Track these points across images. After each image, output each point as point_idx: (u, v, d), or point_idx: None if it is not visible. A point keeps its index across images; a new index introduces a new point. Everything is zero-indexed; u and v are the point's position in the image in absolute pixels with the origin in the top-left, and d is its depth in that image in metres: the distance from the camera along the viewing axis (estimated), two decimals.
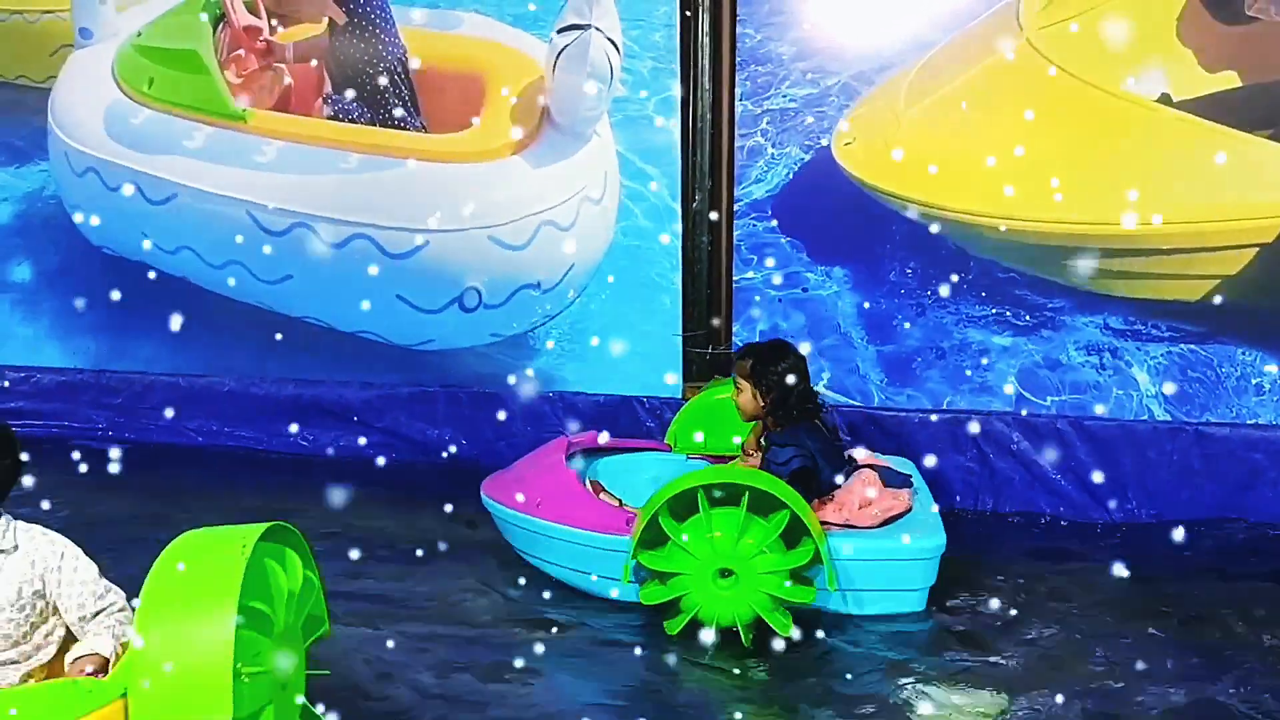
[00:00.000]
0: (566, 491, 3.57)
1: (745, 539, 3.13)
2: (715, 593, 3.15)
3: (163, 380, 5.26)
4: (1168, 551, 3.97)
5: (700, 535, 3.13)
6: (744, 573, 3.14)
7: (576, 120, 4.60)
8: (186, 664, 2.06)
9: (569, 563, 3.51)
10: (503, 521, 3.72)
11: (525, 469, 3.83)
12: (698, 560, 3.13)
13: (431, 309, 4.87)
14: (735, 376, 3.63)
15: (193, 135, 4.94)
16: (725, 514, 3.13)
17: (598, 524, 3.41)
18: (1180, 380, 4.21)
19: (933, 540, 3.36)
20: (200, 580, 2.15)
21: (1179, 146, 4.08)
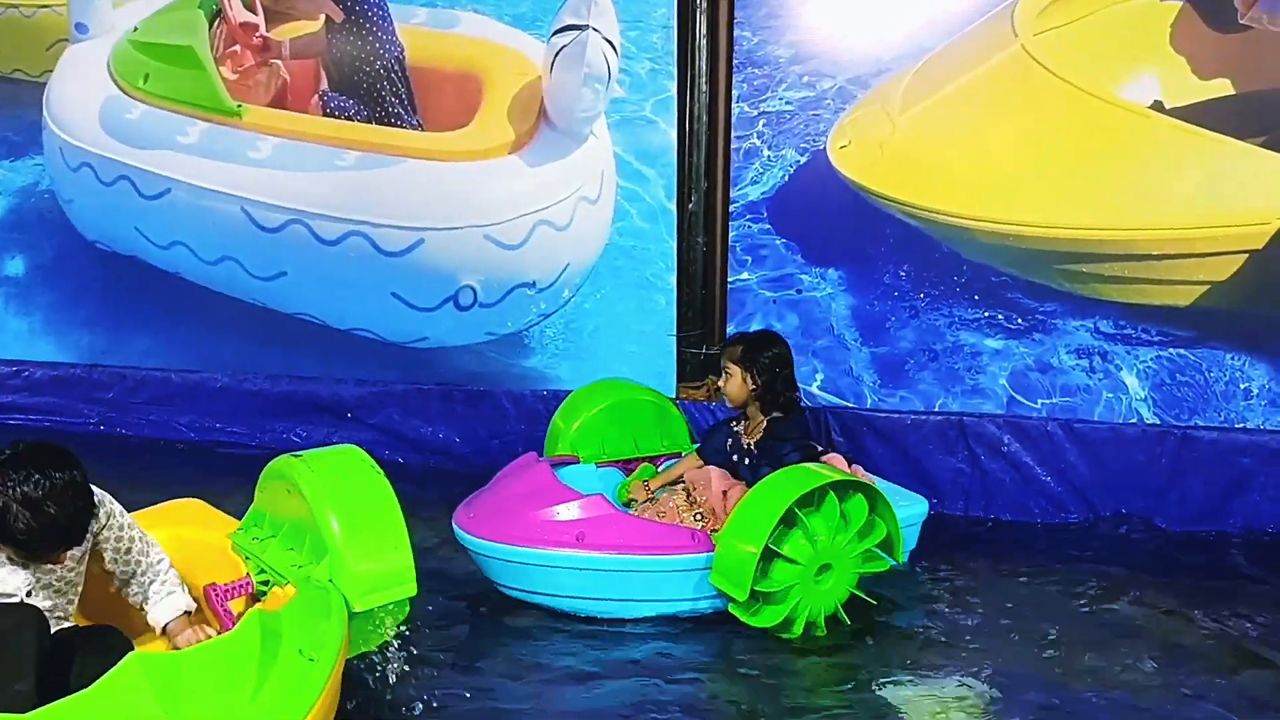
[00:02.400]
0: (605, 516, 3.37)
1: (840, 534, 3.23)
2: (818, 590, 3.24)
3: (155, 375, 5.25)
4: (1154, 554, 4.02)
5: (804, 543, 3.18)
6: (839, 563, 3.25)
7: (573, 120, 4.61)
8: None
9: (626, 593, 3.33)
10: (511, 564, 3.38)
11: (517, 500, 3.46)
12: (804, 567, 3.18)
13: (426, 307, 4.87)
14: (724, 362, 3.67)
15: (187, 131, 4.94)
16: (819, 516, 3.20)
17: (672, 546, 3.32)
18: (1169, 384, 4.25)
19: (920, 506, 3.68)
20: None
21: (1171, 153, 4.12)
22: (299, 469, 2.78)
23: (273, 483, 2.91)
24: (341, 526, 2.67)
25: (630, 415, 4.06)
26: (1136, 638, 3.29)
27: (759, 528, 3.11)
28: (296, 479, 2.75)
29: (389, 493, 2.78)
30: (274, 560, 2.80)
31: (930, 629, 3.36)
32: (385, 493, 2.77)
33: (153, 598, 2.68)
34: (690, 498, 3.61)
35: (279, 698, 2.22)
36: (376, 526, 2.72)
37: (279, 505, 2.87)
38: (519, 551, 3.35)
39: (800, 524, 3.17)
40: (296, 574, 2.70)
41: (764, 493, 3.19)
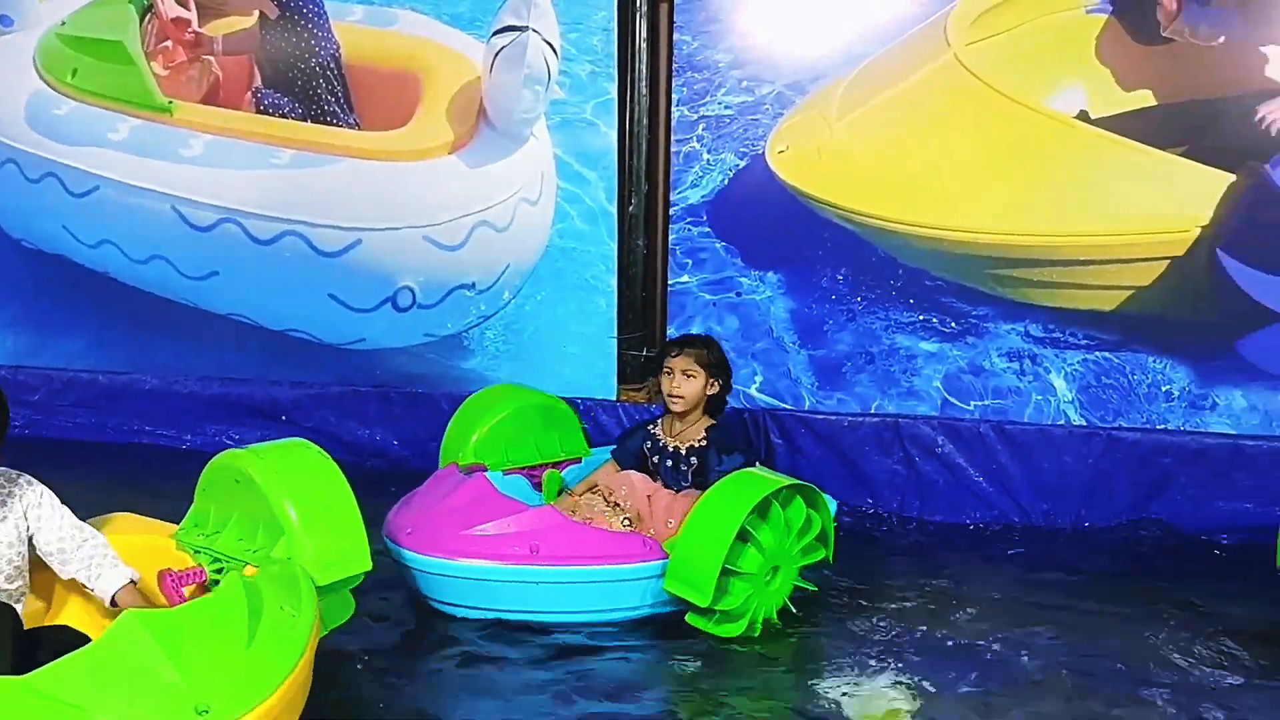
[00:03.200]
0: (556, 527, 3.29)
1: (788, 537, 3.29)
2: (768, 590, 3.28)
3: (83, 377, 5.13)
4: (1080, 552, 4.13)
5: (755, 556, 3.20)
6: (785, 563, 3.31)
7: (513, 122, 4.61)
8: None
9: (582, 604, 3.27)
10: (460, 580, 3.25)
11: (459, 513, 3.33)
12: (756, 576, 3.21)
13: (364, 308, 4.83)
14: (690, 363, 3.63)
15: (117, 127, 4.84)
16: (767, 527, 3.22)
17: (628, 554, 3.29)
18: (1095, 387, 4.37)
19: (831, 504, 3.66)
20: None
21: (1096, 162, 4.23)
22: (247, 459, 2.84)
23: (217, 477, 2.93)
24: (295, 506, 2.75)
25: (529, 421, 4.01)
26: (1061, 634, 3.37)
27: (718, 541, 3.11)
28: (245, 467, 2.81)
29: (338, 473, 2.88)
30: (228, 549, 2.84)
31: (862, 628, 3.39)
32: (334, 473, 2.88)
33: (95, 570, 2.68)
34: (609, 503, 3.59)
35: (272, 644, 2.31)
36: (328, 505, 2.82)
37: (225, 499, 2.89)
38: (468, 567, 3.22)
39: (750, 538, 3.18)
40: (254, 557, 2.75)
41: (716, 506, 3.16)
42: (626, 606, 3.31)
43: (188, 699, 2.11)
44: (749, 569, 3.19)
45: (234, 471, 2.85)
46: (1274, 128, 4.01)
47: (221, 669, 2.20)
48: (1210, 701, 2.91)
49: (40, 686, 2.05)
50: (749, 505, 3.14)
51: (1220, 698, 2.94)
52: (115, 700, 2.08)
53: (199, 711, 2.09)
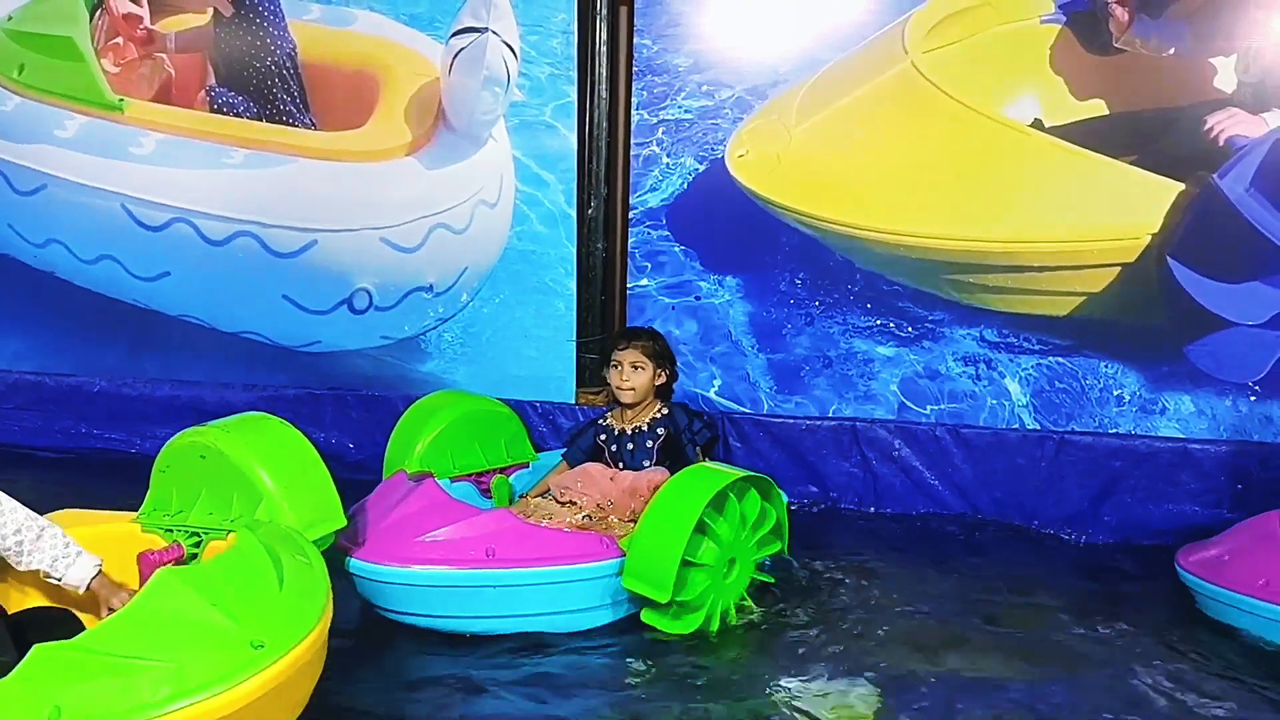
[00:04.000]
0: (511, 529, 3.25)
1: (744, 530, 3.30)
2: (725, 585, 3.28)
3: (28, 379, 5.02)
4: (1032, 554, 4.18)
5: (713, 547, 3.21)
6: (742, 555, 3.31)
7: (472, 123, 4.58)
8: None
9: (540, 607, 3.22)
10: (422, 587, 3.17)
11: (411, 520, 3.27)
12: (713, 568, 3.21)
13: (320, 310, 4.77)
14: (638, 355, 3.76)
15: (65, 124, 4.74)
16: (723, 520, 3.23)
17: (586, 554, 3.26)
18: (1048, 391, 4.43)
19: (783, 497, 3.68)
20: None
21: (1050, 169, 4.29)
22: (213, 434, 2.95)
23: (180, 456, 3.01)
24: (269, 472, 2.88)
25: (474, 427, 3.99)
26: (1017, 631, 3.41)
27: (676, 534, 3.11)
28: (213, 442, 2.92)
29: (302, 438, 3.03)
30: (204, 522, 2.91)
31: (819, 628, 3.39)
32: (299, 438, 3.03)
33: (61, 562, 2.63)
34: (563, 503, 3.58)
35: (300, 585, 2.47)
36: (299, 468, 2.96)
37: (190, 477, 2.97)
38: (423, 574, 3.14)
39: (707, 530, 3.20)
40: (233, 525, 2.82)
41: (672, 501, 3.17)
42: (587, 606, 3.28)
43: (241, 637, 2.25)
44: (706, 560, 3.19)
45: (199, 448, 2.94)
46: (1222, 137, 4.08)
47: (262, 609, 2.34)
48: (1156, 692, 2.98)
49: (94, 645, 2.17)
50: (705, 498, 3.14)
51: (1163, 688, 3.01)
52: (172, 648, 2.20)
53: (254, 646, 2.24)
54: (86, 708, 2.06)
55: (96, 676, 2.11)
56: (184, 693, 2.14)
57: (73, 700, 2.05)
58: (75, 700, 2.05)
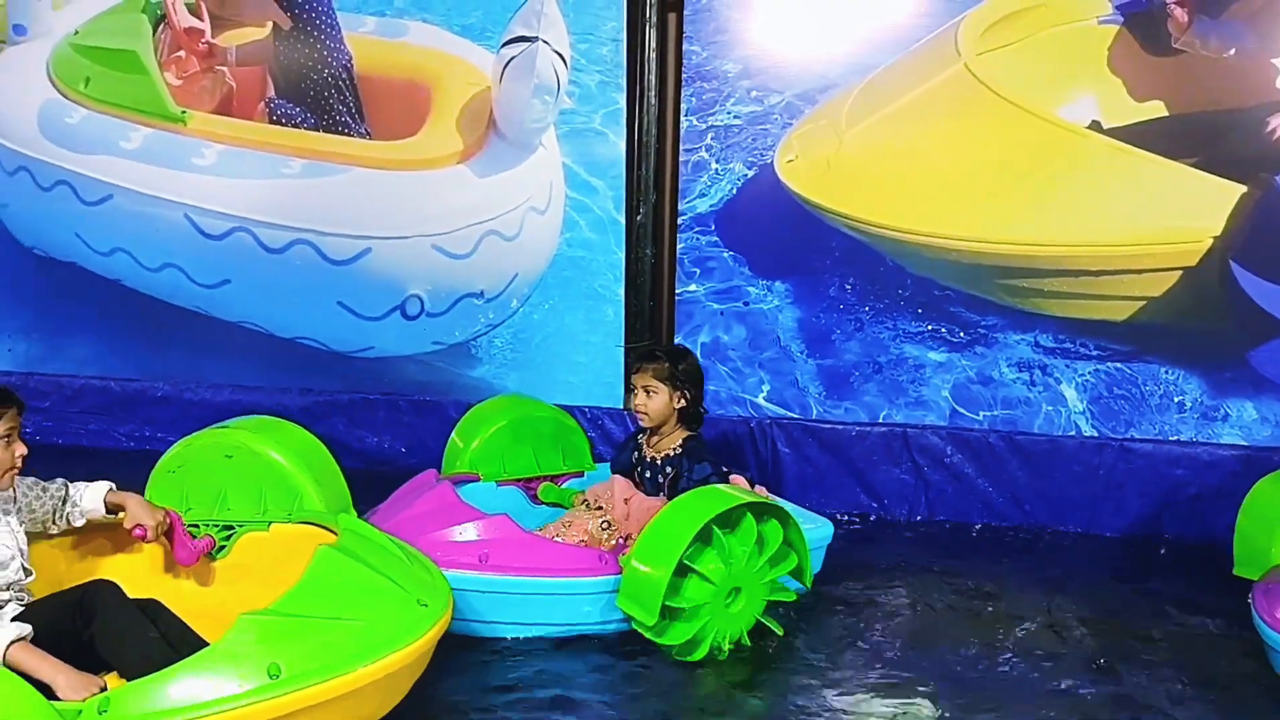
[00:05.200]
0: (507, 538, 3.28)
1: (754, 559, 3.15)
2: (727, 613, 3.15)
3: (94, 384, 5.15)
4: (1091, 565, 4.10)
5: (719, 563, 3.10)
6: (750, 587, 3.16)
7: (522, 131, 4.62)
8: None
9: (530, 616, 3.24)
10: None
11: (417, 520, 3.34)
12: (716, 587, 3.10)
13: (373, 316, 4.84)
14: (649, 379, 3.58)
15: (130, 136, 4.87)
16: (735, 537, 3.13)
17: (579, 568, 3.26)
18: (1107, 397, 4.35)
19: (825, 529, 3.63)
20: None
21: (1108, 172, 4.22)
22: (238, 435, 3.26)
23: (196, 458, 3.26)
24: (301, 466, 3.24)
25: (531, 432, 4.01)
26: (1073, 645, 3.35)
27: (672, 545, 3.02)
28: (242, 441, 3.23)
29: (309, 434, 3.40)
30: (238, 515, 3.15)
31: (869, 641, 3.37)
32: (308, 434, 3.39)
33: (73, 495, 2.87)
34: (592, 509, 3.59)
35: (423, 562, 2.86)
36: (319, 461, 3.32)
37: (208, 477, 3.22)
38: None
39: (717, 543, 3.09)
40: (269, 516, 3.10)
41: (679, 511, 3.10)
42: (576, 621, 3.26)
43: (409, 597, 2.62)
44: (711, 574, 3.07)
45: (224, 448, 3.18)
46: None
47: (411, 576, 2.70)
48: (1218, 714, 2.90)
49: (290, 610, 2.46)
50: (714, 511, 3.06)
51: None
52: (359, 608, 2.53)
53: (420, 604, 2.61)
54: (300, 663, 2.37)
55: (301, 636, 2.42)
56: (379, 645, 2.48)
57: (287, 657, 2.36)
58: (289, 657, 2.36)
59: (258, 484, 3.20)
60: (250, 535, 3.04)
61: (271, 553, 3.01)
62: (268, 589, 2.83)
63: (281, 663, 2.34)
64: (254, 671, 2.32)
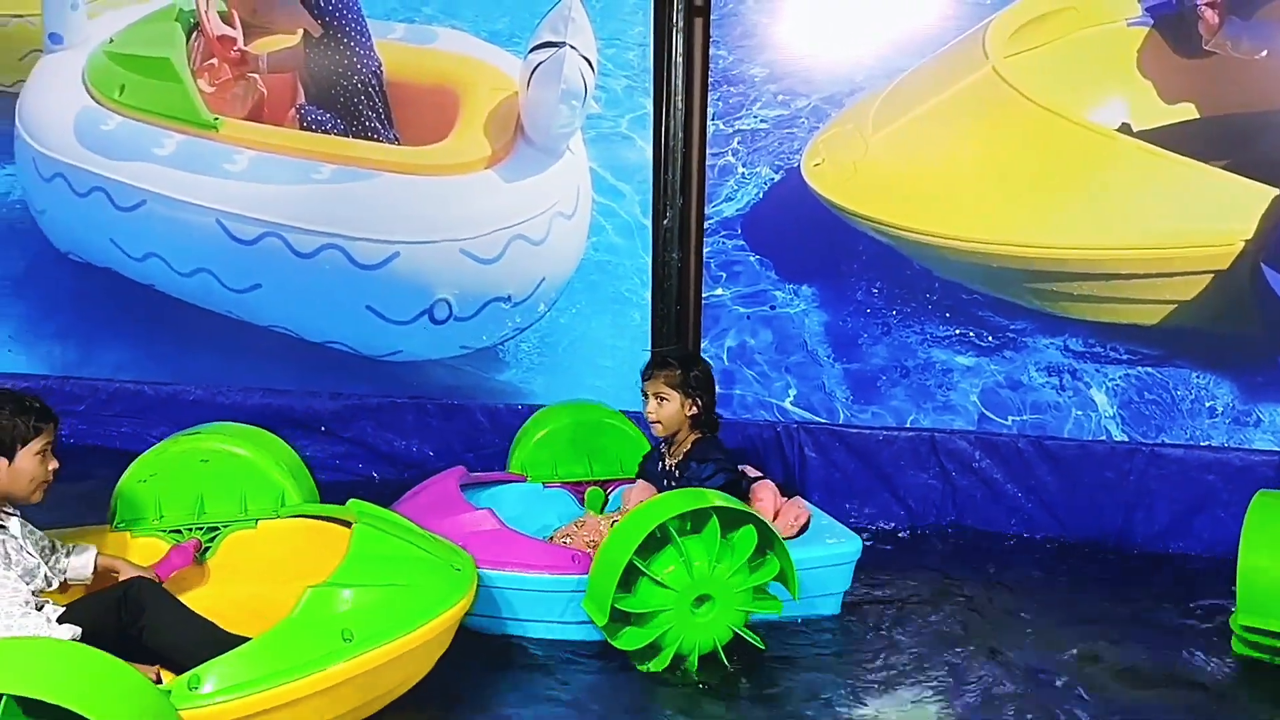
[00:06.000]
0: (490, 534, 3.36)
1: (722, 563, 3.06)
2: (694, 622, 3.08)
3: (128, 388, 5.21)
4: (1120, 571, 4.07)
5: (677, 566, 3.04)
6: (721, 596, 3.08)
7: (550, 136, 4.64)
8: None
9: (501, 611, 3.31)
10: None
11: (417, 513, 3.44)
12: (677, 593, 3.04)
13: (401, 320, 4.88)
14: (661, 386, 3.55)
15: (164, 142, 4.93)
16: (698, 541, 3.06)
17: (549, 565, 3.28)
18: (1137, 402, 4.31)
19: (852, 545, 3.50)
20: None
21: (1138, 174, 4.19)
22: (212, 440, 3.43)
23: (169, 466, 3.37)
24: (279, 467, 3.43)
25: (589, 438, 4.06)
26: (1102, 656, 3.32)
27: (624, 548, 3.00)
28: (219, 446, 3.40)
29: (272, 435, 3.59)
30: (221, 517, 3.37)
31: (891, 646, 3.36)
32: (273, 436, 3.58)
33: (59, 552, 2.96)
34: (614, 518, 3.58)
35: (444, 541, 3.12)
36: (289, 460, 3.52)
37: (182, 483, 3.36)
38: None
39: (676, 546, 3.03)
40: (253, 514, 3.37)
41: (639, 513, 3.08)
42: (542, 619, 3.28)
43: (445, 564, 2.94)
44: (668, 580, 3.03)
45: (200, 454, 3.36)
46: None
47: (438, 547, 3.03)
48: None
49: (349, 581, 2.73)
50: (668, 514, 3.01)
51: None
52: (408, 575, 2.82)
53: (455, 569, 2.95)
54: (368, 627, 2.65)
55: (365, 603, 2.69)
56: (431, 606, 2.79)
57: (355, 623, 2.64)
58: (357, 623, 2.65)
59: (238, 486, 3.39)
60: (235, 534, 3.35)
61: (264, 548, 3.34)
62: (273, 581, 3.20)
63: (352, 628, 2.62)
64: (329, 637, 2.59)
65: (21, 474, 2.72)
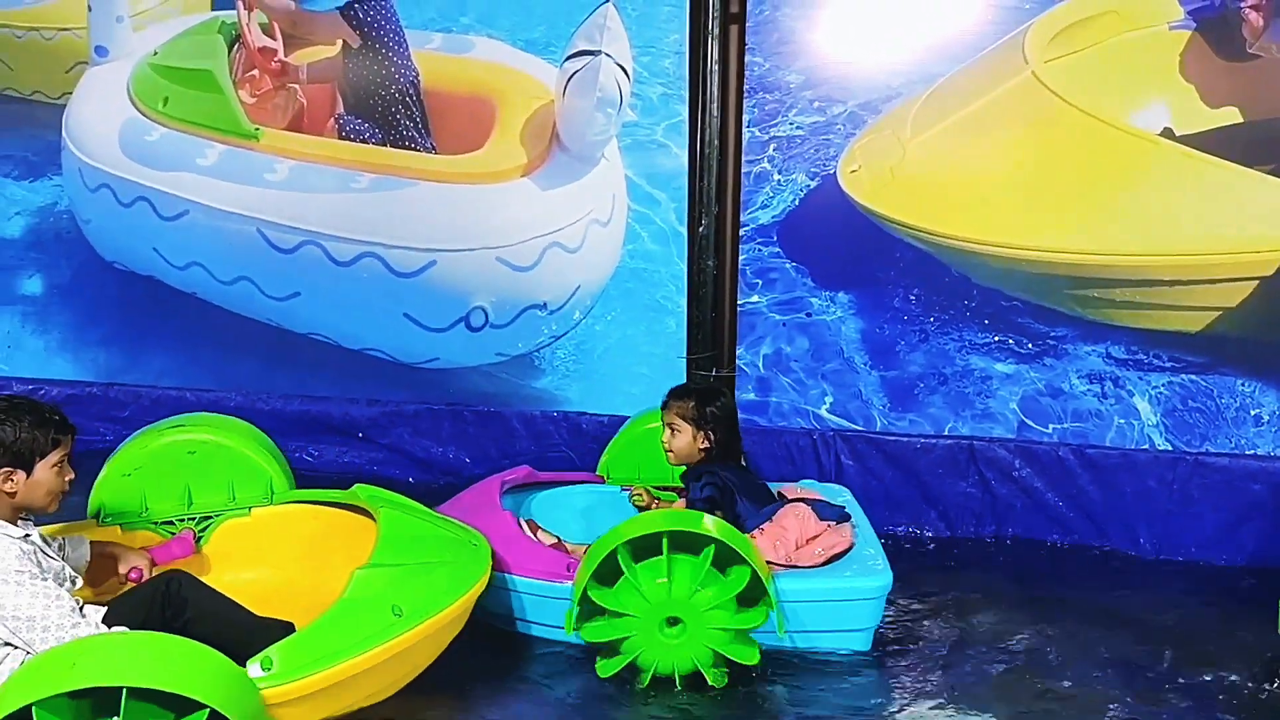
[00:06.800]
0: (503, 536, 3.43)
1: (704, 592, 3.02)
2: (660, 640, 3.04)
3: (171, 394, 5.28)
4: (1164, 581, 4.01)
5: (657, 579, 3.03)
6: (693, 625, 3.03)
7: (585, 144, 4.66)
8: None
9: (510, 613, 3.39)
10: None
11: (457, 512, 3.62)
12: (649, 604, 3.02)
13: (438, 327, 4.91)
14: (674, 417, 3.53)
15: (206, 153, 4.99)
16: (687, 562, 3.03)
17: (540, 570, 3.33)
18: (1181, 410, 4.25)
19: (878, 580, 3.27)
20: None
21: (1181, 179, 4.13)
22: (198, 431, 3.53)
23: (155, 459, 3.44)
24: (264, 455, 3.57)
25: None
26: (1142, 671, 3.27)
27: (581, 575, 3.07)
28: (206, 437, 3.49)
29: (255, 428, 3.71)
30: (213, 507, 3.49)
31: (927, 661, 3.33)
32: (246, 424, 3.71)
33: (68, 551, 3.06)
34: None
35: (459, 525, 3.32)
36: (270, 448, 3.66)
37: (168, 475, 3.45)
38: None
39: (665, 561, 3.01)
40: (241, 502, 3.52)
41: (645, 518, 3.11)
42: (533, 620, 3.35)
43: (467, 540, 3.18)
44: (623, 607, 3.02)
45: (186, 445, 3.45)
46: None
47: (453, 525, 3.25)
48: None
49: (390, 561, 2.94)
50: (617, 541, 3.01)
51: None
52: (443, 552, 3.06)
53: (473, 545, 3.19)
54: (415, 602, 2.85)
55: (409, 580, 2.90)
56: (465, 580, 3.01)
57: (403, 599, 2.84)
58: (405, 598, 2.84)
59: (226, 476, 3.51)
60: (229, 522, 3.50)
61: (259, 535, 3.49)
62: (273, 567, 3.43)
63: (400, 603, 2.82)
64: (382, 614, 2.79)
65: (39, 486, 2.77)
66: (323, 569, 3.37)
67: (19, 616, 2.59)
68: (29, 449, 2.74)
